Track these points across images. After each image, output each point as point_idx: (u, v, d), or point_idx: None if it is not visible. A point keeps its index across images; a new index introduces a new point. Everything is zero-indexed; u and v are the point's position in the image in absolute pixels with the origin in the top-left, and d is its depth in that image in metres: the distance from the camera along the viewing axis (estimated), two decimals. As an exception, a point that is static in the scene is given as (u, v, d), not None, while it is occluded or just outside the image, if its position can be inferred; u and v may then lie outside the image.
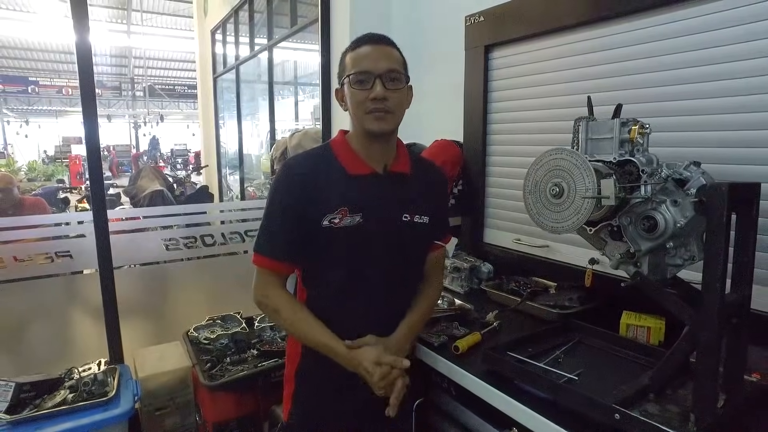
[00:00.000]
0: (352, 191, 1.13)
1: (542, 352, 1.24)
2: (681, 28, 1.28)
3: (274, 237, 1.16)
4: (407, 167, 1.22)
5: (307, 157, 1.22)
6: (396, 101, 1.12)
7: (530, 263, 1.76)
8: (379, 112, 1.10)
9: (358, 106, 1.12)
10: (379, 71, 1.09)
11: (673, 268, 1.03)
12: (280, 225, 1.14)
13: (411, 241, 1.21)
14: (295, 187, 1.13)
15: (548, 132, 1.66)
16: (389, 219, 1.16)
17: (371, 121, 1.11)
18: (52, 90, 20.50)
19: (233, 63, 6.11)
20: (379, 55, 1.11)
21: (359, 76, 1.10)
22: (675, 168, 1.01)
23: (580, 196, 0.97)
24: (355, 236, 1.13)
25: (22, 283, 2.08)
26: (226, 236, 2.48)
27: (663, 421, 0.88)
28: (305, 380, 1.24)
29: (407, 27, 2.60)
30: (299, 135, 3.41)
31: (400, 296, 1.24)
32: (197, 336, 2.12)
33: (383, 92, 1.09)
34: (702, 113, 1.26)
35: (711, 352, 0.86)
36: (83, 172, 12.73)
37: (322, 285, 1.19)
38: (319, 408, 1.23)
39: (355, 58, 1.12)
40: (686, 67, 1.28)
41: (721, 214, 0.83)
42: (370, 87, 1.09)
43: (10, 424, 1.52)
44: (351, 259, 1.15)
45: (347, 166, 1.16)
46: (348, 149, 1.18)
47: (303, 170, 1.16)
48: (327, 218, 1.11)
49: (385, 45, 1.14)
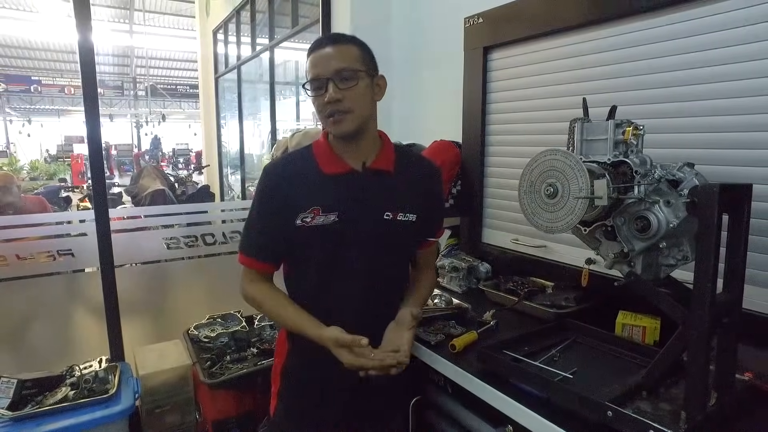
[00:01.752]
0: (326, 190, 1.14)
1: (538, 350, 1.25)
2: (675, 31, 1.29)
3: (253, 238, 1.20)
4: (390, 164, 1.20)
5: (286, 158, 1.24)
6: (352, 100, 1.09)
7: (528, 263, 1.77)
8: (337, 115, 1.10)
9: (318, 112, 1.13)
10: (328, 74, 1.08)
11: (667, 268, 1.04)
12: (258, 226, 1.19)
13: (394, 240, 1.20)
14: (271, 189, 1.16)
15: (546, 133, 1.67)
16: (368, 218, 1.15)
17: (331, 125, 1.12)
18: (54, 89, 20.55)
19: (235, 63, 6.13)
20: (328, 56, 1.09)
21: (313, 83, 1.11)
22: (668, 169, 1.02)
23: (573, 197, 0.98)
24: (330, 235, 1.13)
25: (24, 281, 2.10)
26: (226, 235, 2.50)
27: (655, 418, 0.89)
28: (290, 378, 1.27)
29: (407, 28, 2.61)
30: (299, 135, 3.42)
31: (381, 294, 1.22)
32: (197, 334, 2.13)
33: (335, 94, 1.07)
34: (696, 115, 1.27)
35: (702, 351, 0.87)
36: (85, 171, 12.77)
37: (300, 283, 1.22)
38: (302, 406, 1.25)
39: (309, 65, 1.12)
40: (680, 69, 1.29)
41: (713, 214, 0.84)
42: (324, 91, 1.09)
43: (11, 421, 1.54)
44: (327, 258, 1.16)
45: (323, 166, 1.16)
46: (326, 149, 1.18)
47: (279, 172, 1.18)
48: (300, 217, 1.12)
49: (335, 44, 1.11)
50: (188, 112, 23.69)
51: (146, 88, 21.22)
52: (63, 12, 13.46)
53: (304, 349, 1.20)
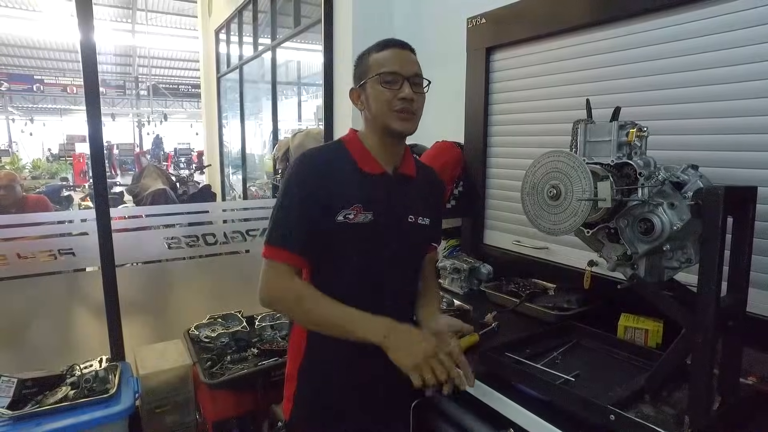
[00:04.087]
0: (365, 189, 1.14)
1: (540, 353, 1.24)
2: (680, 32, 1.28)
3: (289, 228, 1.11)
4: (413, 170, 1.25)
5: (323, 150, 1.22)
6: (420, 104, 1.16)
7: (530, 265, 1.76)
8: (406, 113, 1.13)
9: (384, 105, 1.13)
10: (407, 74, 1.13)
11: (670, 271, 1.03)
12: (296, 216, 1.11)
13: (414, 242, 1.24)
14: (312, 178, 1.12)
15: (548, 134, 1.67)
16: (396, 219, 1.18)
17: (397, 120, 1.13)
18: (56, 88, 20.56)
19: (237, 63, 6.14)
20: (406, 58, 1.15)
21: (388, 76, 1.12)
22: (672, 171, 1.02)
23: (576, 199, 0.98)
24: (366, 233, 1.13)
25: (25, 280, 2.10)
26: (228, 235, 2.50)
27: (658, 422, 0.89)
28: (309, 378, 1.21)
29: (409, 28, 2.61)
30: (301, 135, 3.43)
31: (405, 294, 1.26)
32: (198, 334, 2.13)
33: (411, 93, 1.12)
34: (700, 117, 1.26)
35: (706, 355, 0.86)
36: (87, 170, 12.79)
37: (331, 281, 1.15)
38: (323, 408, 1.22)
39: (382, 59, 1.14)
40: (685, 70, 1.28)
41: (717, 217, 0.84)
42: (398, 87, 1.12)
43: (12, 420, 1.54)
44: (361, 256, 1.15)
45: (361, 164, 1.17)
46: (362, 147, 1.19)
47: (321, 162, 1.15)
48: (342, 213, 1.11)
49: (410, 51, 1.19)
50: (190, 111, 23.72)
51: (148, 88, 21.26)
52: (65, 11, 13.49)
53: (323, 347, 1.17)
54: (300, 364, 1.22)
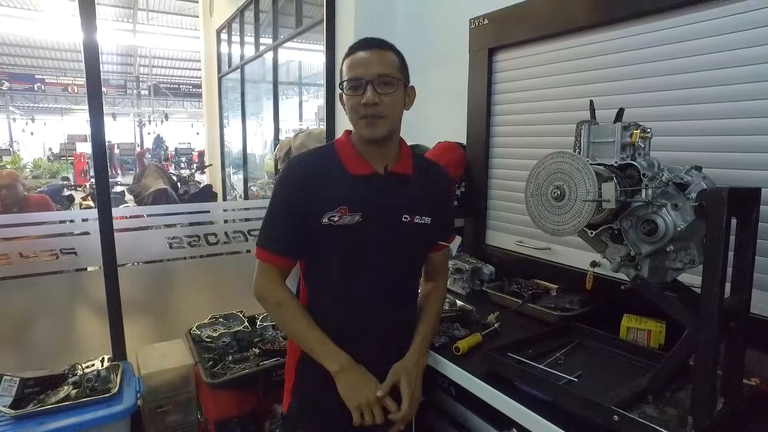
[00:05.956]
0: (352, 190, 1.16)
1: (542, 353, 1.25)
2: (683, 33, 1.28)
3: (274, 231, 1.19)
4: (409, 168, 1.24)
5: (311, 155, 1.25)
6: (388, 105, 1.12)
7: (532, 265, 1.76)
8: (371, 118, 1.12)
9: (351, 112, 1.15)
10: (369, 77, 1.11)
11: (674, 272, 1.03)
12: (281, 220, 1.18)
13: (411, 242, 1.23)
14: (297, 183, 1.16)
15: (551, 135, 1.67)
16: (388, 219, 1.18)
17: (363, 126, 1.14)
18: (58, 88, 20.56)
19: (238, 63, 6.14)
20: (372, 60, 1.12)
21: (352, 82, 1.13)
22: (676, 172, 1.02)
23: (581, 200, 0.98)
24: (353, 235, 1.15)
25: (26, 280, 2.10)
26: (229, 235, 2.49)
27: (661, 423, 0.89)
28: (305, 372, 1.26)
29: (412, 28, 2.61)
30: (303, 135, 3.43)
31: (399, 294, 1.26)
32: (200, 334, 2.13)
33: (373, 98, 1.10)
34: (704, 118, 1.26)
35: (709, 356, 0.86)
36: (88, 169, 12.80)
37: (321, 282, 1.22)
38: (318, 398, 1.25)
39: (349, 64, 1.14)
40: (688, 71, 1.28)
41: (721, 218, 0.84)
42: (362, 92, 1.11)
43: (14, 419, 1.54)
44: (349, 257, 1.17)
45: (349, 166, 1.18)
46: (351, 149, 1.20)
47: (305, 168, 1.19)
48: (326, 216, 1.13)
49: (379, 49, 1.14)
50: (191, 111, 23.73)
51: (149, 87, 21.27)
52: (67, 11, 13.50)
53: None
54: (298, 359, 1.27)
